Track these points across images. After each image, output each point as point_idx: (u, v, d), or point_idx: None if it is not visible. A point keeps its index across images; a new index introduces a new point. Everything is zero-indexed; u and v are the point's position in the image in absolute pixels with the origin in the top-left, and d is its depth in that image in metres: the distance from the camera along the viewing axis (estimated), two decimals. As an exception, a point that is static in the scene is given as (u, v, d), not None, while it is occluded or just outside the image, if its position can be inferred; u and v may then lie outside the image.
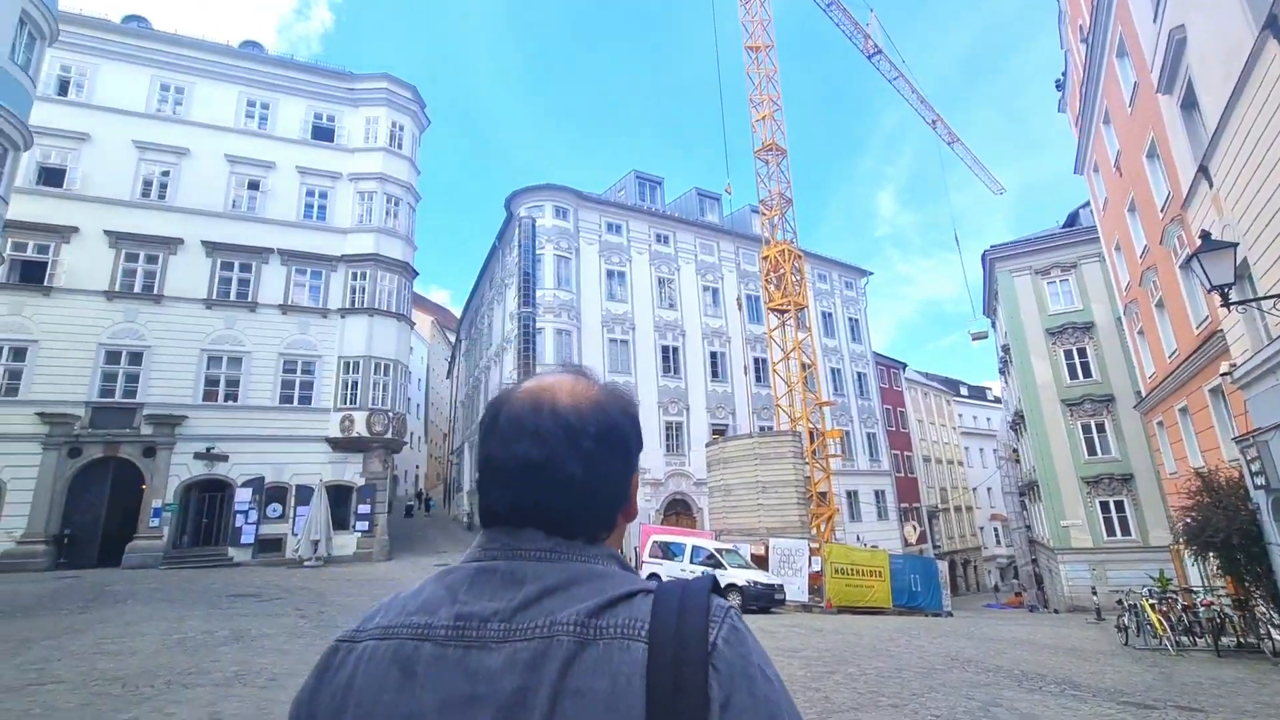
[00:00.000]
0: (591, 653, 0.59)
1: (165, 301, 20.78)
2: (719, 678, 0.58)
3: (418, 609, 0.66)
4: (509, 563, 0.68)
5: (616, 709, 0.56)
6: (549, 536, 0.69)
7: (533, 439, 0.69)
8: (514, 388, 0.77)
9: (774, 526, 18.69)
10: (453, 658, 0.61)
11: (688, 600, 0.63)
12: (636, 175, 29.48)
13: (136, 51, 22.48)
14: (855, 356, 33.27)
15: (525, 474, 0.69)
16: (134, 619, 9.79)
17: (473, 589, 0.66)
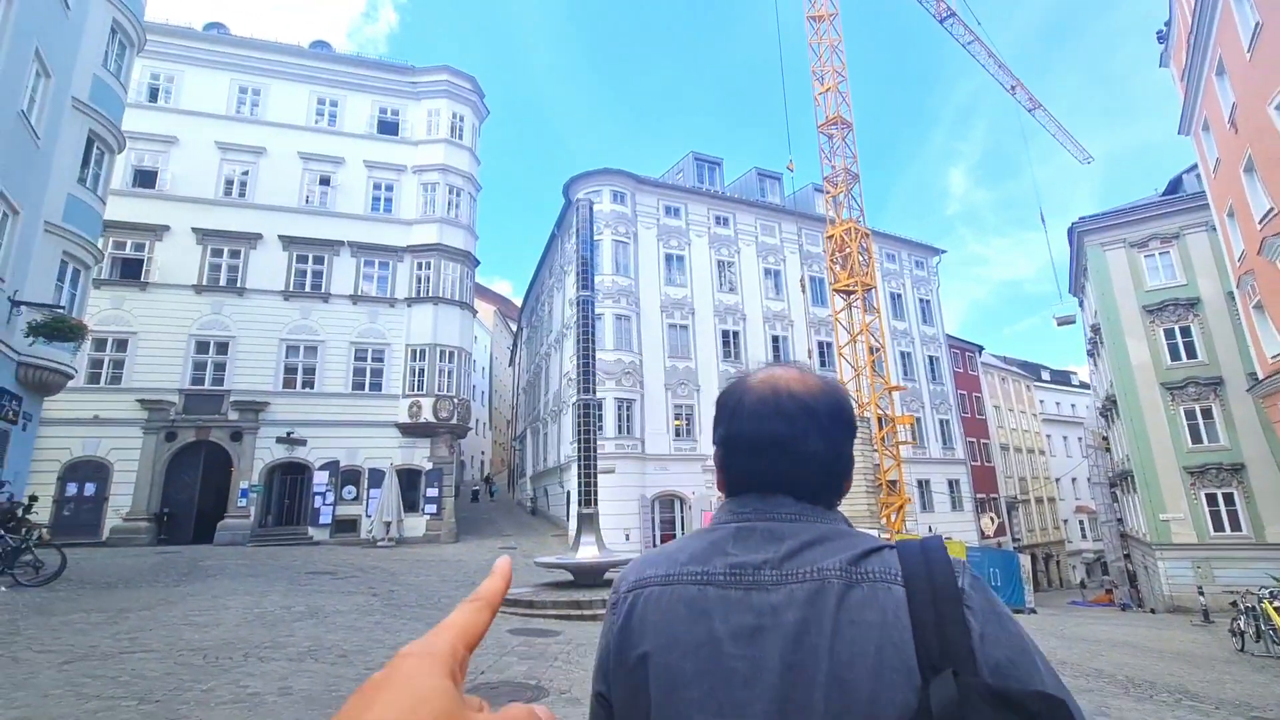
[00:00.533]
0: (857, 592, 0.71)
1: (247, 294, 21.90)
2: (974, 614, 0.69)
3: (688, 560, 0.79)
4: (765, 523, 0.80)
5: (888, 634, 0.68)
6: (797, 502, 0.81)
7: (781, 419, 0.81)
8: (746, 377, 0.89)
9: (841, 515, 18.03)
10: (735, 597, 0.74)
11: (929, 554, 0.74)
12: (695, 157, 28.87)
13: (217, 57, 23.66)
14: (926, 339, 31.67)
15: (777, 449, 0.81)
16: (221, 593, 10.33)
17: (738, 544, 0.79)
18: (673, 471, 22.66)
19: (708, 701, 0.70)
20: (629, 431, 22.28)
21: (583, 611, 9.48)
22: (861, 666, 0.67)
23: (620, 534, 20.66)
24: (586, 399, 12.26)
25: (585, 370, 12.28)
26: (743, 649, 0.71)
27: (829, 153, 24.48)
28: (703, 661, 0.71)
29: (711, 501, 22.94)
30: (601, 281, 23.43)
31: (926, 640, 0.67)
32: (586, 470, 11.84)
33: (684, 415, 23.76)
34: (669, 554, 0.82)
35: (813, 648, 0.69)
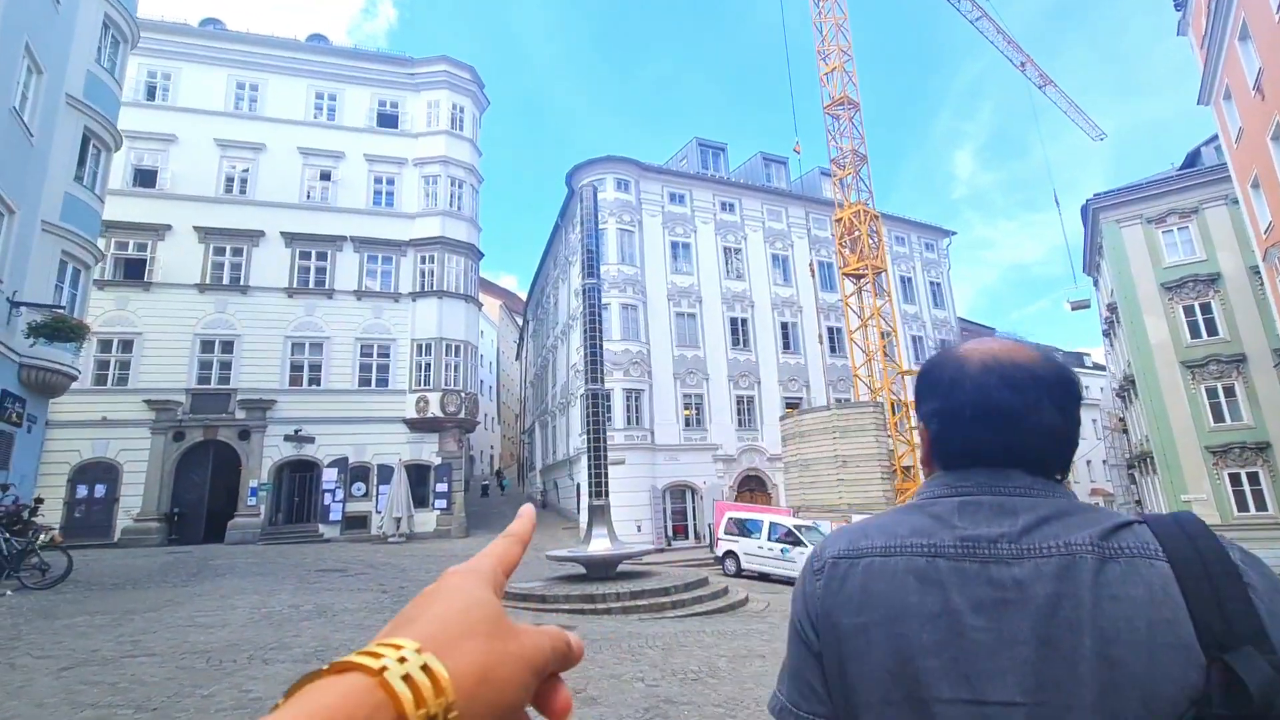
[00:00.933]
0: (1114, 567, 0.68)
1: (251, 292, 21.75)
2: (1254, 591, 0.65)
3: (910, 533, 0.77)
4: (993, 497, 0.77)
5: (1159, 611, 0.65)
6: (1027, 475, 0.78)
7: (1010, 389, 0.78)
8: (957, 348, 0.86)
9: (856, 502, 17.73)
10: (971, 570, 0.72)
11: (1188, 528, 0.70)
12: (698, 142, 28.44)
13: (213, 53, 23.40)
14: (938, 323, 31.20)
15: (1006, 420, 0.77)
16: (229, 592, 10.18)
17: (965, 518, 0.76)
18: (683, 461, 22.42)
19: (950, 671, 0.69)
20: (638, 422, 22.05)
21: (596, 605, 9.26)
22: (1130, 643, 0.64)
23: (631, 525, 20.46)
24: (595, 389, 12.01)
25: (593, 360, 12.02)
26: (987, 621, 0.70)
27: (835, 134, 24.01)
28: (942, 632, 0.71)
29: (723, 491, 22.71)
30: (607, 271, 23.11)
31: (1206, 618, 0.64)
32: (597, 461, 11.61)
33: (693, 405, 23.49)
34: (882, 527, 0.81)
35: (1070, 622, 0.67)
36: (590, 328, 12.13)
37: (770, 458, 23.68)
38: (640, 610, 9.21)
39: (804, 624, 0.82)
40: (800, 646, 0.82)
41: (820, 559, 0.84)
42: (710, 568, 17.71)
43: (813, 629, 0.81)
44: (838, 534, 0.86)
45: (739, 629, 8.29)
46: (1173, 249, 23.17)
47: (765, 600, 11.23)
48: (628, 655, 6.55)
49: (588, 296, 12.33)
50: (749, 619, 9.35)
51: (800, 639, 0.83)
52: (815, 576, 0.83)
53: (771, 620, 9.24)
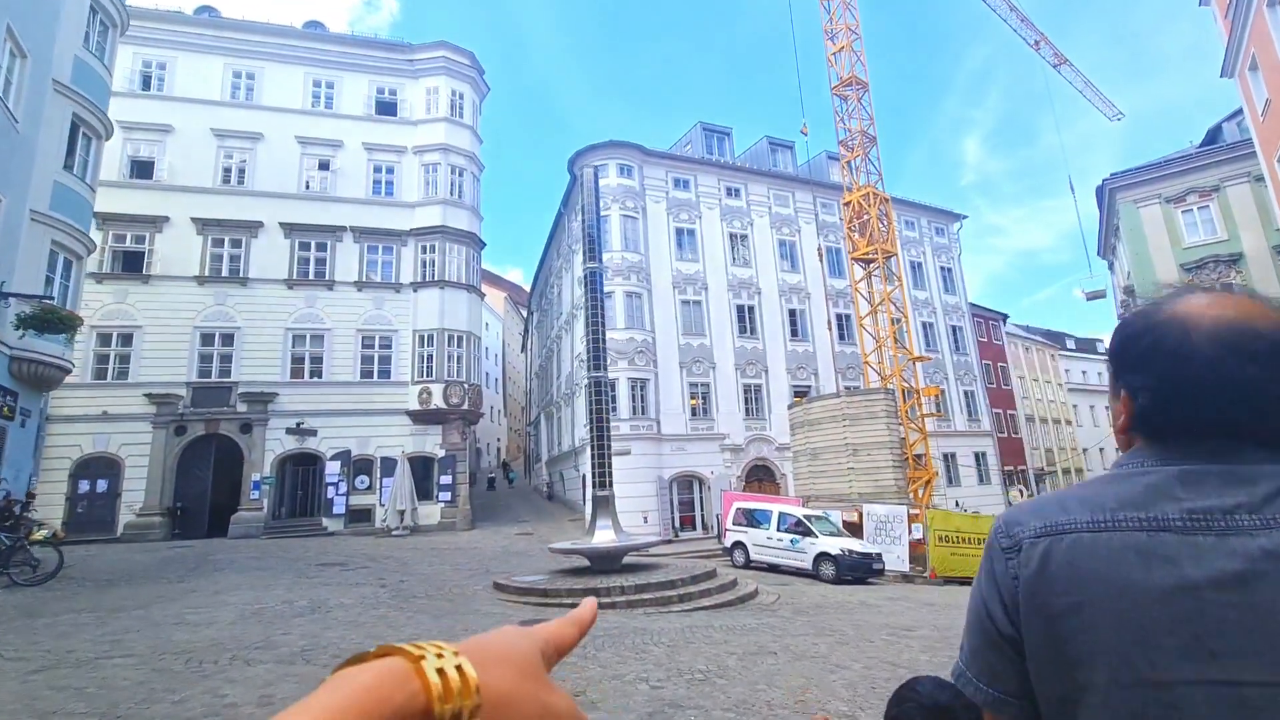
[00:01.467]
0: None
1: (251, 284, 21.47)
2: None
3: (1120, 506, 0.72)
4: (1221, 466, 0.71)
5: None
6: (1260, 448, 0.72)
7: (1251, 363, 0.70)
8: (1171, 307, 0.77)
9: (867, 491, 17.34)
10: (1206, 543, 0.67)
11: None
12: (703, 127, 27.87)
13: (209, 41, 23.02)
14: (949, 308, 30.62)
15: (1244, 396, 0.71)
16: (224, 588, 9.92)
17: (1188, 489, 0.71)
18: (690, 451, 22.06)
19: (1193, 651, 0.65)
20: (643, 412, 21.69)
21: (599, 600, 8.91)
22: None
23: (637, 517, 20.15)
24: (598, 376, 11.64)
25: (596, 346, 11.64)
26: (1232, 596, 0.65)
27: (844, 115, 23.44)
28: (1179, 609, 0.66)
29: (730, 481, 22.35)
30: (611, 258, 22.69)
31: None
32: (600, 451, 11.25)
33: (699, 394, 23.10)
34: (1084, 500, 0.75)
35: None
36: (593, 314, 11.75)
37: (779, 447, 23.29)
38: (645, 604, 8.87)
39: (992, 607, 0.77)
40: (986, 627, 0.77)
41: (1011, 537, 0.77)
42: (718, 559, 17.38)
43: (1005, 613, 0.76)
44: (1023, 510, 0.79)
45: (749, 623, 7.94)
46: (1193, 229, 22.50)
47: (775, 593, 10.87)
48: (631, 653, 6.21)
49: (590, 282, 11.94)
50: (759, 612, 9.00)
51: (987, 620, 0.77)
52: (1008, 556, 0.77)
53: (783, 614, 8.88)
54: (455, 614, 8.26)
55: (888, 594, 12.14)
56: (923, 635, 7.44)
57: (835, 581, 13.85)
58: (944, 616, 9.02)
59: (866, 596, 11.41)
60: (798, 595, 11.02)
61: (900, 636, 7.32)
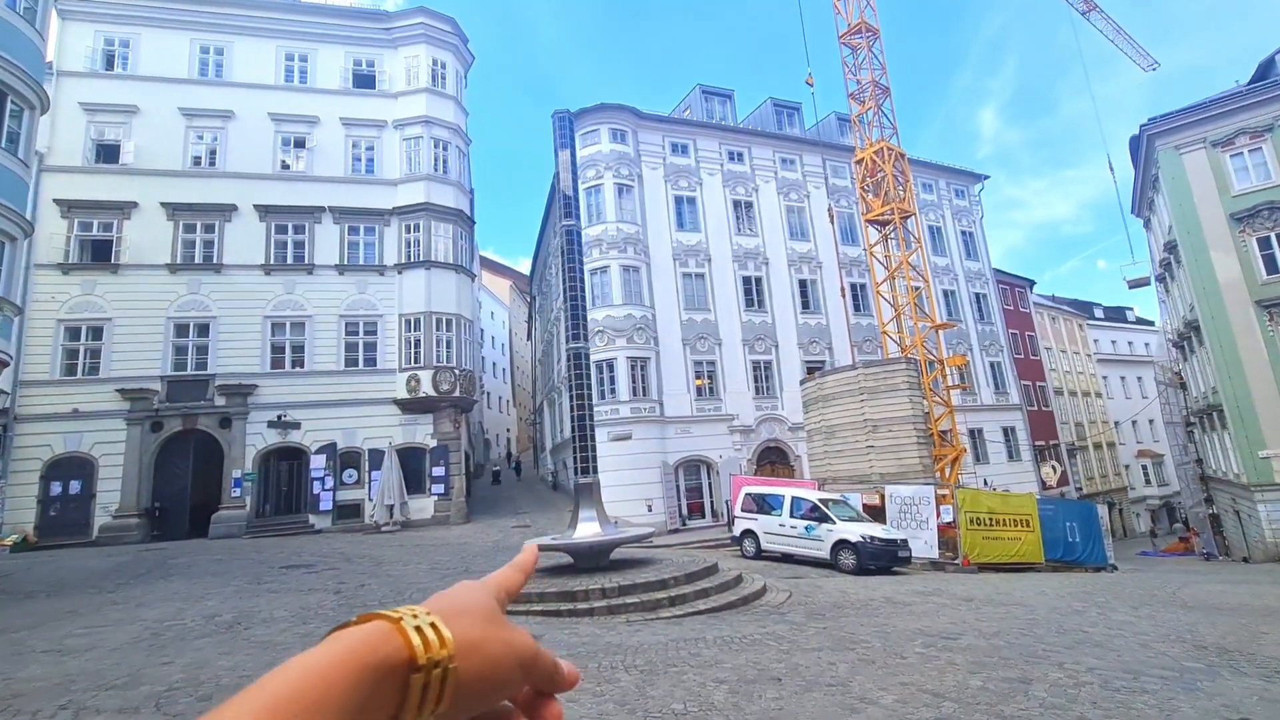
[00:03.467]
0: None
1: (226, 270, 20.29)
2: None
3: None
4: None
5: None
6: None
7: None
8: None
9: (890, 471, 15.80)
10: None
11: None
12: (702, 90, 26.11)
13: (175, 15, 21.68)
14: (972, 275, 28.72)
15: None
16: (152, 599, 8.70)
17: None
18: (696, 434, 20.60)
19: None
20: (645, 393, 20.24)
21: (575, 605, 7.54)
22: None
23: (641, 505, 18.79)
24: (578, 347, 10.21)
25: (574, 313, 10.21)
26: None
27: (853, 66, 21.61)
28: None
29: (741, 465, 20.89)
30: (605, 230, 21.19)
31: None
32: (582, 432, 9.84)
33: (705, 372, 21.59)
34: None
35: None
36: (570, 277, 10.30)
37: (792, 427, 21.77)
38: (629, 610, 7.48)
39: None
40: None
41: None
42: (728, 549, 15.98)
43: None
44: None
45: (751, 633, 6.51)
46: (1243, 174, 20.45)
47: (786, 589, 9.42)
48: (594, 682, 4.82)
49: (567, 241, 10.47)
50: (765, 617, 7.56)
51: None
52: None
53: (793, 618, 7.43)
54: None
55: (917, 587, 10.64)
56: (968, 646, 5.95)
57: (856, 572, 12.39)
58: (988, 617, 7.52)
59: (893, 591, 9.93)
60: (813, 592, 9.56)
61: (939, 648, 5.84)
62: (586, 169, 21.67)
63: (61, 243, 19.32)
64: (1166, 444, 46.21)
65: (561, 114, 10.97)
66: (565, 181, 10.39)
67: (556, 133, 10.96)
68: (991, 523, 14.42)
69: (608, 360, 20.15)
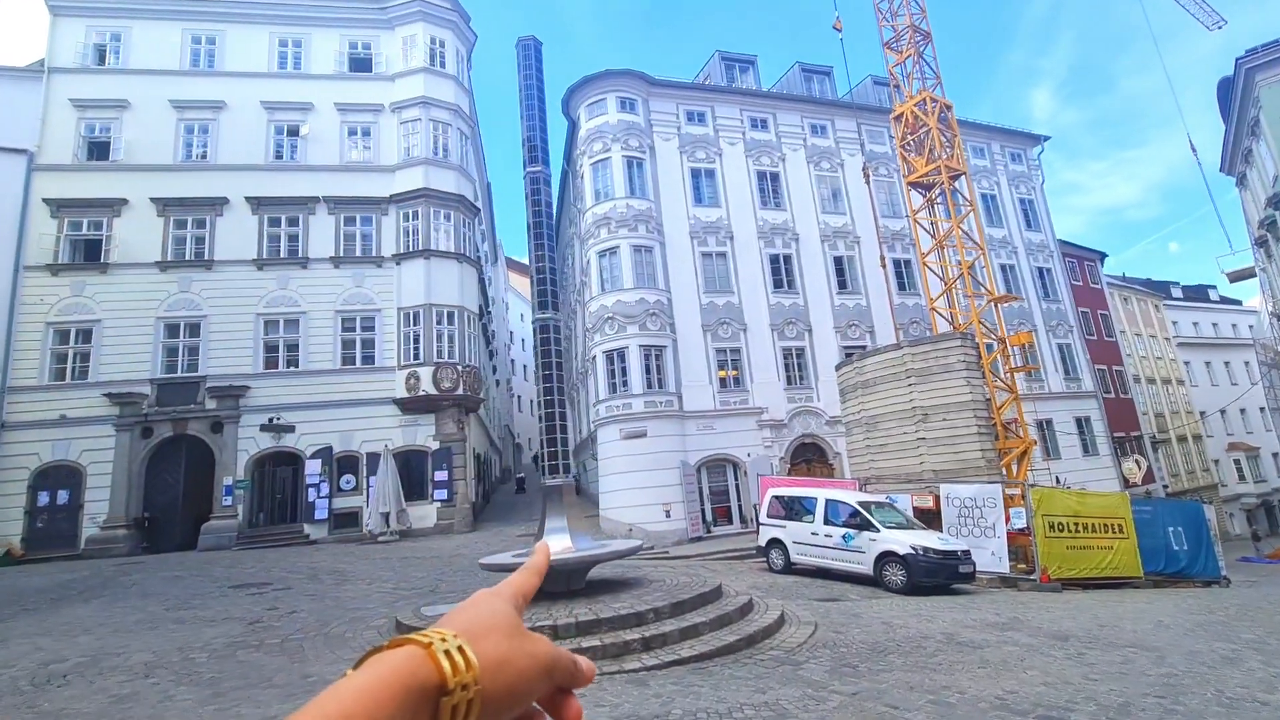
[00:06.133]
0: None
1: (216, 266, 19.26)
2: None
3: None
4: None
5: None
6: None
7: None
8: None
9: (945, 468, 13.33)
10: None
11: None
12: (721, 57, 23.91)
13: (166, 5, 20.89)
14: (1033, 247, 25.59)
15: None
16: (29, 632, 7.17)
17: None
18: (720, 430, 18.41)
19: None
20: (661, 385, 18.17)
21: (514, 650, 5.58)
22: None
23: (658, 510, 16.73)
24: (545, 319, 8.29)
25: (541, 278, 8.28)
26: None
27: (888, 12, 19.14)
28: None
29: (772, 464, 18.60)
30: (614, 208, 19.25)
31: None
32: (549, 422, 7.88)
33: (729, 361, 19.37)
34: None
35: None
36: (537, 237, 8.37)
37: (829, 420, 19.35)
38: (590, 658, 5.45)
39: None
40: None
41: None
42: (754, 561, 13.79)
43: None
44: None
45: (748, 700, 4.41)
46: (1371, 106, 17.10)
47: (811, 621, 7.22)
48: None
49: (532, 191, 8.56)
50: (770, 671, 5.41)
51: None
52: None
53: (810, 674, 5.25)
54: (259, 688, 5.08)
55: (988, 614, 8.27)
56: None
57: (906, 591, 10.06)
58: (1100, 670, 5.19)
59: (955, 621, 7.62)
60: (846, 624, 7.34)
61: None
62: (593, 142, 19.79)
63: (51, 243, 18.60)
64: (1265, 435, 41.30)
65: (526, 40, 9.10)
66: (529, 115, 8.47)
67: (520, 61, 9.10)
68: (1075, 528, 11.82)
69: (618, 349, 18.20)
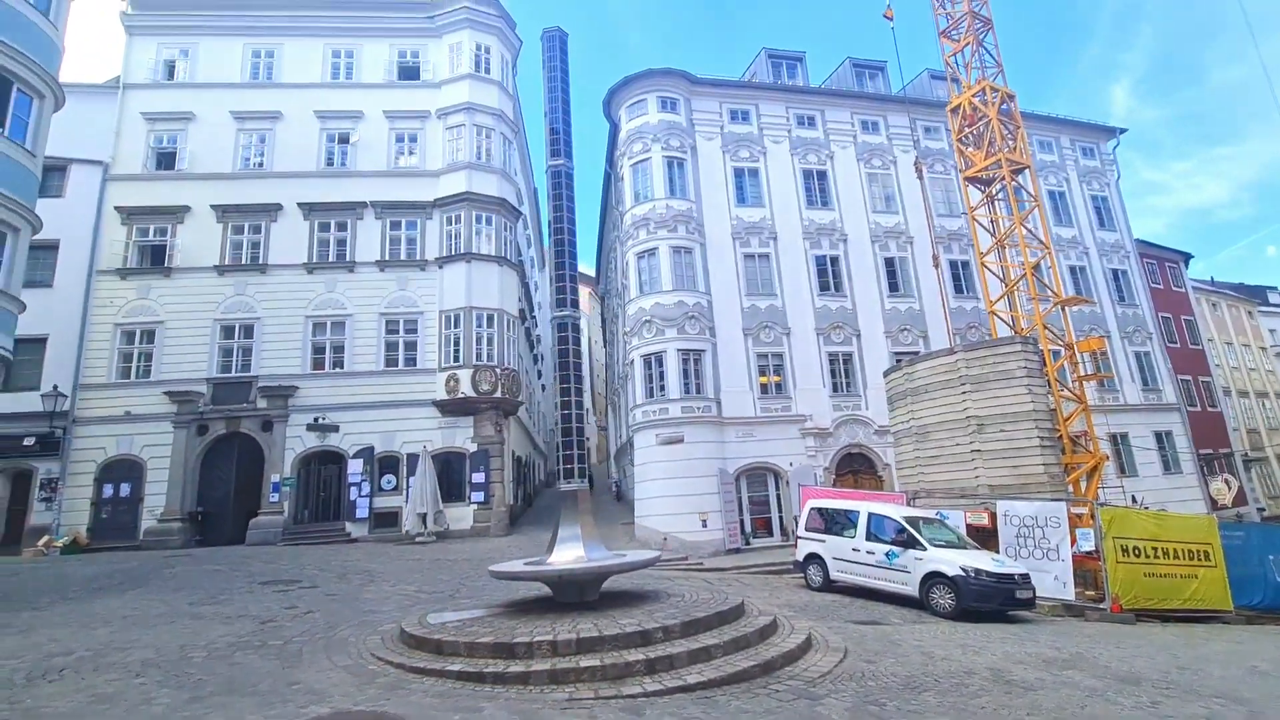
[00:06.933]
0: None
1: (270, 270, 19.94)
2: None
3: None
4: None
5: None
6: None
7: None
8: None
9: (1003, 483, 12.31)
10: None
11: None
12: (768, 54, 23.26)
13: (230, 22, 21.91)
14: (1107, 248, 23.76)
15: None
16: (57, 621, 7.32)
17: None
18: (760, 438, 17.72)
19: None
20: (699, 390, 17.65)
21: (509, 665, 5.20)
22: None
23: (694, 519, 16.20)
24: (565, 316, 7.98)
25: (560, 275, 8.00)
26: None
27: (943, 1, 18.12)
28: None
29: (816, 474, 17.77)
30: (653, 209, 18.92)
31: None
32: (566, 423, 7.58)
33: (771, 367, 18.66)
34: None
35: None
36: (558, 230, 8.10)
37: (878, 430, 18.37)
38: (582, 678, 5.06)
39: None
40: None
41: None
42: (791, 577, 13.09)
43: None
44: None
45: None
46: None
47: (841, 647, 6.57)
48: None
49: (553, 183, 8.31)
50: (784, 705, 4.85)
51: None
52: None
53: (830, 710, 4.67)
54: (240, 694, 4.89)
55: (1045, 648, 7.41)
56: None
57: (955, 616, 9.22)
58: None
59: (1006, 656, 6.83)
60: (881, 652, 6.66)
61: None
62: (632, 143, 19.54)
63: (121, 249, 19.64)
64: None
65: (551, 31, 8.86)
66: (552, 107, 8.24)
67: (544, 54, 8.87)
68: (1152, 554, 10.65)
69: (656, 353, 17.80)
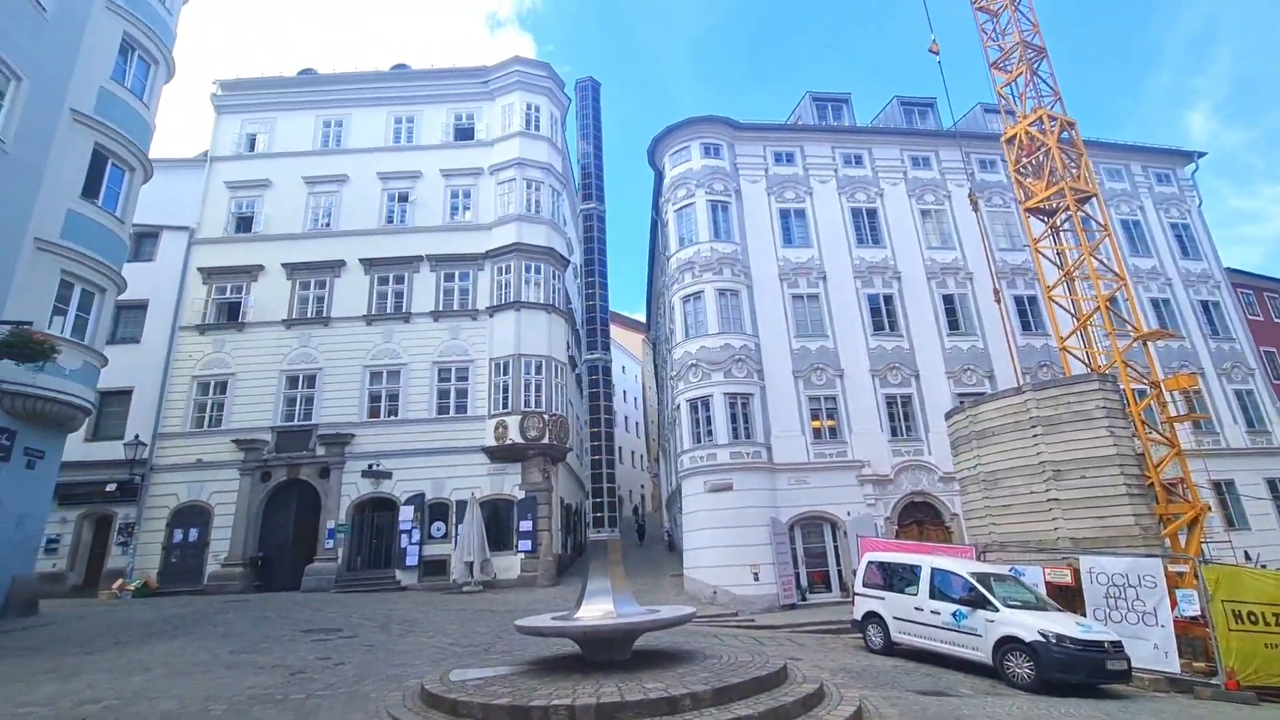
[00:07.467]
0: None
1: (332, 323, 20.89)
2: None
3: None
4: None
5: None
6: None
7: None
8: None
9: (1086, 535, 11.11)
10: None
11: None
12: (812, 98, 23.21)
13: (306, 97, 23.81)
14: (1192, 279, 21.96)
15: None
16: (88, 669, 7.43)
17: None
18: (814, 485, 16.84)
19: None
20: (748, 435, 17.04)
21: (523, 731, 4.84)
22: None
23: (744, 572, 15.37)
24: (595, 360, 7.82)
25: (591, 318, 7.87)
26: None
27: (994, 32, 17.74)
28: None
29: (876, 525, 16.66)
30: (698, 252, 18.85)
31: None
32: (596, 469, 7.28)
33: (824, 410, 17.89)
34: None
35: None
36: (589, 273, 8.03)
37: (943, 477, 17.19)
38: (603, 749, 4.63)
39: None
40: None
41: None
42: (850, 637, 12.11)
43: None
44: None
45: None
46: None
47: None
48: None
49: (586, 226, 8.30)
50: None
51: None
52: None
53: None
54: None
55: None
56: None
57: (1034, 688, 8.19)
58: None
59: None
60: (945, 730, 5.88)
61: None
62: (677, 189, 19.71)
63: (200, 306, 21.07)
64: None
65: (584, 81, 9.04)
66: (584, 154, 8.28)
67: (578, 102, 9.02)
68: (1274, 621, 9.24)
69: (703, 398, 17.39)
